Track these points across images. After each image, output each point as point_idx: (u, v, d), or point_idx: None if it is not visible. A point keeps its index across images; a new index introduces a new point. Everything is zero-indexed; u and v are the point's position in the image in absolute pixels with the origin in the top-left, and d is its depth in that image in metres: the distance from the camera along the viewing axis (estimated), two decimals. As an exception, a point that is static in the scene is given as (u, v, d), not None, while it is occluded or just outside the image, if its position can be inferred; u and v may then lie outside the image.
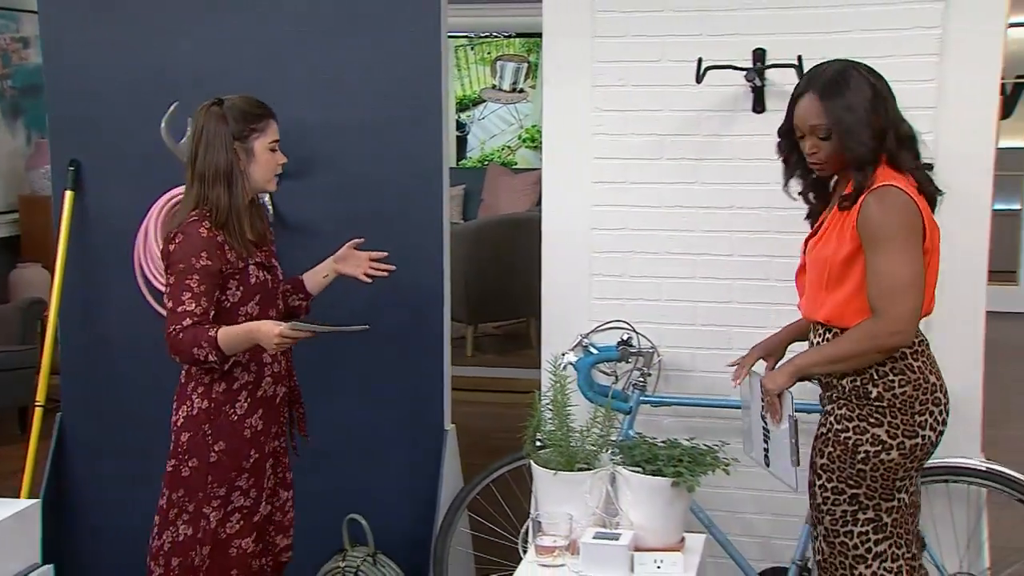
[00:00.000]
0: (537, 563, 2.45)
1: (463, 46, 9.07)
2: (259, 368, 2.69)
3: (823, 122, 2.33)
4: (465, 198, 8.87)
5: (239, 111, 2.64)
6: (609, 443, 2.57)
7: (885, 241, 2.29)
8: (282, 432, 2.82)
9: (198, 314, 2.54)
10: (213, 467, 2.64)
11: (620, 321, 3.20)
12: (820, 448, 2.46)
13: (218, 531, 2.66)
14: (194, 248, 2.56)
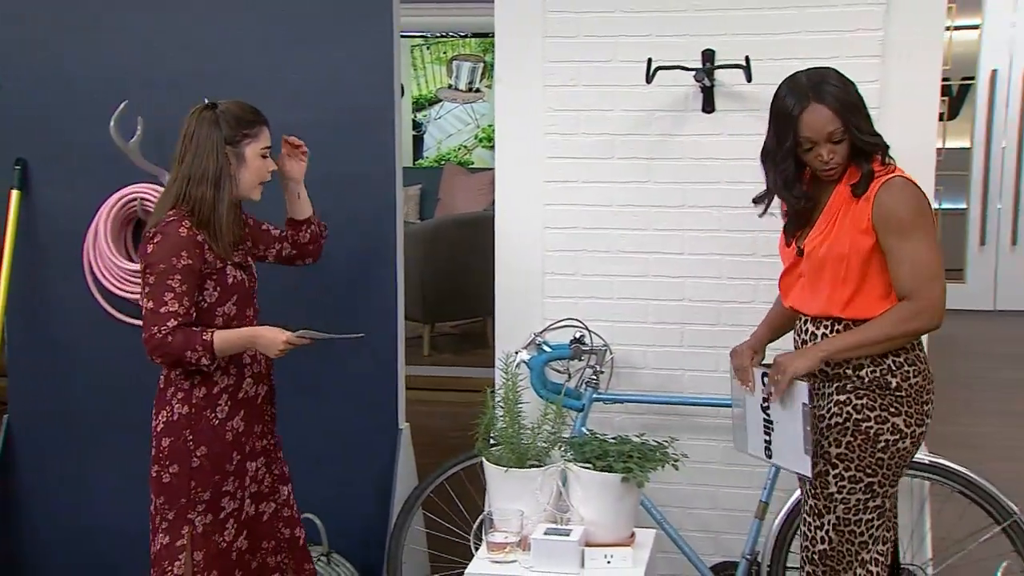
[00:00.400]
0: (489, 559, 2.47)
1: (419, 46, 9.06)
2: (239, 370, 2.68)
3: (838, 126, 2.37)
4: (422, 198, 8.86)
5: (233, 116, 2.64)
6: (560, 440, 2.59)
7: (913, 229, 2.35)
8: (269, 430, 2.82)
9: (182, 314, 2.52)
10: (196, 472, 2.62)
11: (573, 319, 3.22)
12: (837, 438, 2.47)
13: (216, 539, 2.65)
14: (174, 247, 2.53)
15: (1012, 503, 2.87)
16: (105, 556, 3.57)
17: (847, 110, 2.38)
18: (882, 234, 2.38)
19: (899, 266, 2.37)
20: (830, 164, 2.41)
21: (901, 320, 2.37)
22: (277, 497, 2.83)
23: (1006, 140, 7.43)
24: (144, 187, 3.31)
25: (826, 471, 2.49)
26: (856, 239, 2.40)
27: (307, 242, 2.93)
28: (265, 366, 2.77)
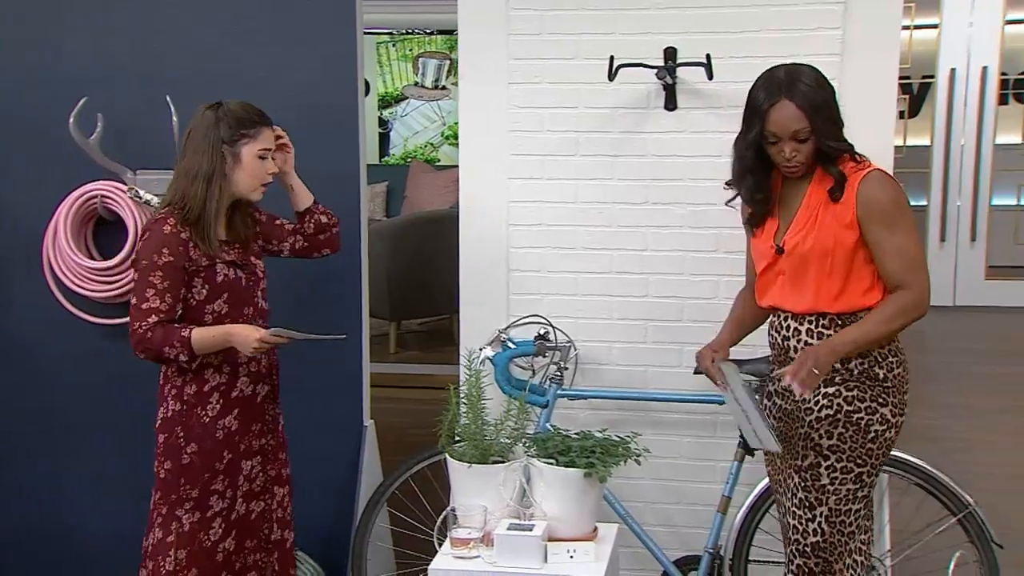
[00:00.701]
0: (452, 555, 2.48)
1: (385, 43, 9.03)
2: (233, 369, 2.69)
3: (804, 124, 2.37)
4: (388, 195, 8.84)
5: (233, 116, 2.64)
6: (524, 436, 2.60)
7: (898, 219, 2.39)
8: (270, 429, 2.82)
9: (164, 311, 2.54)
10: (186, 469, 2.64)
11: (537, 316, 3.23)
12: (828, 430, 2.48)
13: (201, 538, 2.66)
14: (156, 245, 2.56)
15: (968, 495, 2.91)
16: (70, 556, 3.54)
17: (816, 111, 2.38)
18: (867, 226, 2.40)
19: (888, 257, 2.40)
20: (792, 161, 2.43)
21: (900, 312, 2.39)
22: (269, 497, 2.83)
23: (965, 138, 7.52)
24: (105, 184, 3.28)
25: (818, 463, 2.50)
26: (840, 234, 2.42)
27: (313, 232, 2.91)
28: (266, 366, 2.78)
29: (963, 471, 4.49)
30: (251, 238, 2.79)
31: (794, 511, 2.56)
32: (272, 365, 2.82)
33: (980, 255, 7.56)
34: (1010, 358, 6.46)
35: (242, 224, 2.74)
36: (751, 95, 2.47)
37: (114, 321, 3.37)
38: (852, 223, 2.41)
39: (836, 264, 2.44)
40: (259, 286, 2.78)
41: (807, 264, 2.46)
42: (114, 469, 3.49)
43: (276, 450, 2.85)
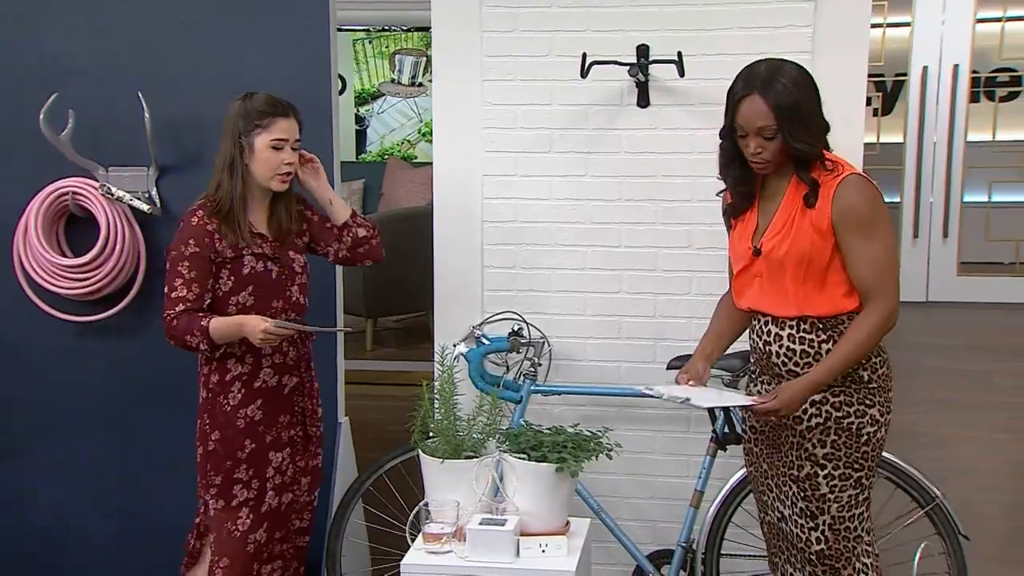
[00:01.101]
0: (425, 550, 2.49)
1: (361, 40, 9.00)
2: (256, 359, 2.74)
3: (770, 123, 2.33)
4: (365, 192, 8.82)
5: (252, 108, 2.70)
6: (496, 431, 2.61)
7: (874, 226, 2.36)
8: (299, 421, 2.87)
9: (191, 300, 2.63)
10: (211, 455, 2.75)
11: (510, 312, 3.24)
12: (820, 439, 2.45)
13: (228, 527, 2.74)
14: (184, 236, 2.66)
15: (936, 488, 2.95)
16: (44, 551, 3.53)
17: (785, 111, 2.33)
18: (841, 233, 2.37)
19: (860, 265, 2.37)
20: (757, 157, 2.40)
21: (876, 328, 2.37)
22: (297, 489, 2.88)
23: (937, 135, 7.59)
24: (76, 181, 3.27)
25: (815, 473, 2.47)
26: (816, 240, 2.39)
27: (352, 246, 2.94)
28: (293, 358, 2.81)
29: (936, 466, 4.54)
30: (295, 233, 2.83)
31: (796, 519, 2.52)
32: (301, 358, 2.85)
33: (952, 251, 7.63)
34: (982, 354, 6.53)
35: (286, 218, 2.79)
36: (732, 84, 2.44)
37: (86, 318, 3.36)
38: (828, 230, 2.38)
39: (813, 269, 2.41)
40: (295, 280, 2.82)
41: (783, 268, 2.44)
42: (86, 465, 3.48)
43: (307, 442, 2.90)
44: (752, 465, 2.68)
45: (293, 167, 2.75)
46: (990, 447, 5.04)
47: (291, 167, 2.74)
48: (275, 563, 2.87)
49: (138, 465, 3.47)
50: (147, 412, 3.44)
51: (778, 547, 2.63)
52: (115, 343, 3.42)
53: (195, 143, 3.29)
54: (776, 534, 2.62)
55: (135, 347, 3.41)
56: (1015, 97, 7.88)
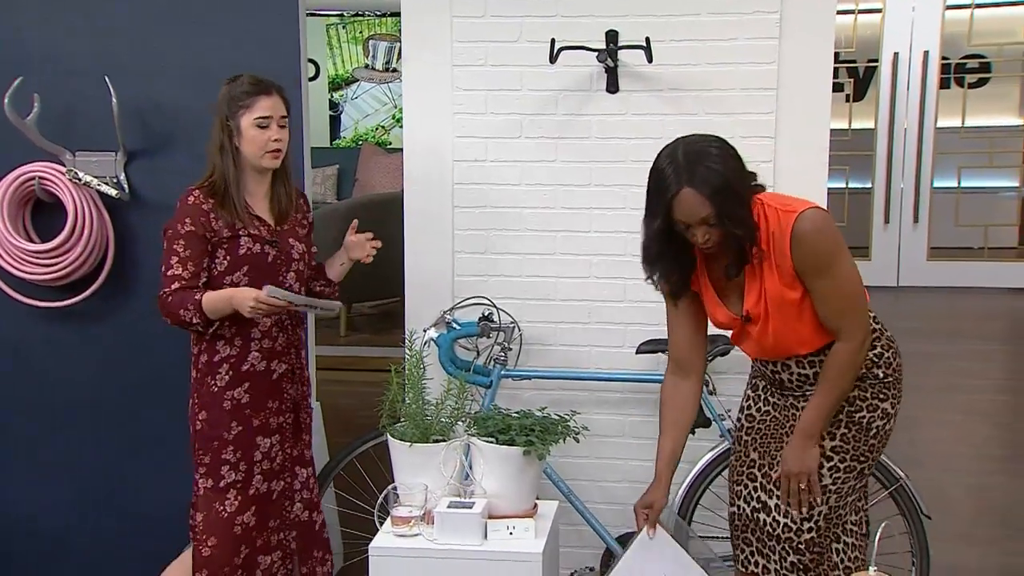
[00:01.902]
0: (393, 533, 2.50)
1: (334, 25, 8.95)
2: (244, 343, 2.76)
3: (710, 211, 2.28)
4: (339, 178, 8.79)
5: (235, 89, 2.73)
6: (464, 415, 2.62)
7: (834, 263, 2.35)
8: (289, 408, 2.87)
9: (186, 278, 2.66)
10: (199, 435, 2.78)
11: (480, 297, 3.25)
12: (830, 431, 2.46)
13: (216, 508, 2.76)
14: (180, 215, 2.70)
15: (900, 470, 2.99)
16: (10, 540, 3.52)
17: (720, 195, 2.28)
18: (807, 277, 2.37)
19: (832, 301, 2.37)
20: (707, 243, 2.35)
21: (850, 364, 2.39)
22: (290, 477, 2.88)
23: (908, 121, 7.65)
24: (42, 166, 3.23)
25: (820, 464, 2.47)
26: (788, 292, 2.39)
27: (316, 291, 3.02)
28: (282, 344, 2.82)
29: (905, 448, 4.60)
30: (296, 220, 2.86)
31: (787, 510, 2.50)
32: (291, 344, 2.86)
33: (923, 236, 7.71)
34: (952, 337, 6.62)
35: (285, 200, 2.82)
36: (654, 178, 2.36)
37: (53, 304, 3.33)
38: (794, 277, 2.37)
39: (801, 310, 2.41)
40: (291, 266, 2.83)
41: (781, 315, 2.43)
42: (51, 453, 3.46)
43: (298, 430, 2.91)
44: (737, 453, 2.67)
45: (282, 143, 2.76)
46: (958, 429, 5.11)
47: (280, 143, 2.75)
48: (274, 554, 2.86)
49: (111, 450, 3.45)
50: (118, 397, 3.42)
51: (745, 539, 2.62)
52: (84, 329, 3.40)
53: (163, 128, 3.27)
54: (746, 525, 2.61)
55: (104, 332, 3.39)
56: (985, 83, 7.96)
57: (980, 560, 3.81)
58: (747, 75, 3.14)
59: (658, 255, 2.44)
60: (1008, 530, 4.10)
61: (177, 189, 3.23)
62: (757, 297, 2.43)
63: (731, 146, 2.37)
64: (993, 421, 5.33)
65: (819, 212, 2.38)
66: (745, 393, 2.71)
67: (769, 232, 2.36)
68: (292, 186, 2.88)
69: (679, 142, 2.36)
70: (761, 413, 2.62)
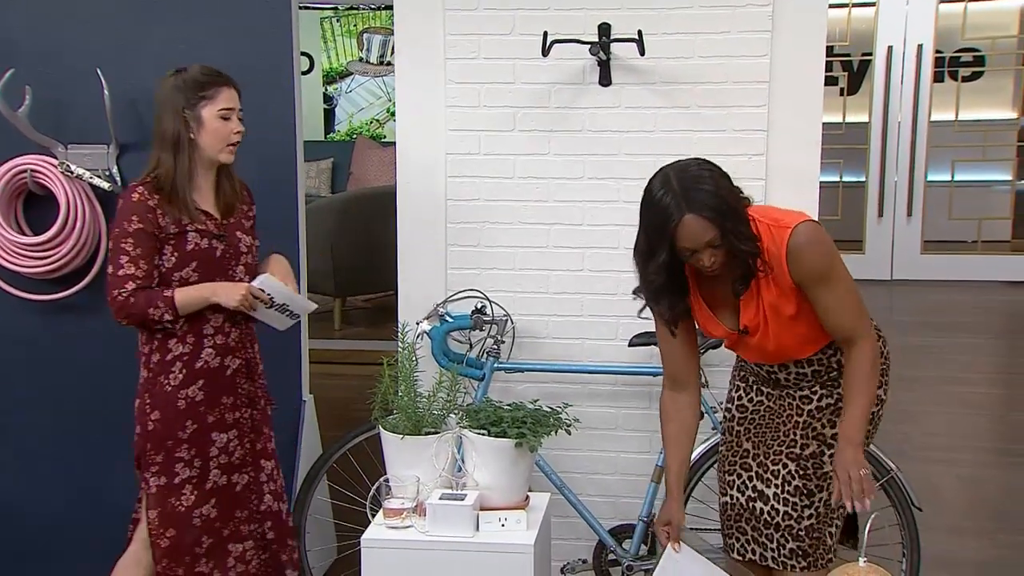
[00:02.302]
0: (385, 525, 2.51)
1: (328, 18, 8.94)
2: (197, 339, 2.70)
3: (716, 233, 2.28)
4: (333, 171, 8.79)
5: (191, 79, 2.65)
6: (456, 407, 2.63)
7: (832, 273, 2.36)
8: (244, 403, 2.82)
9: (140, 277, 2.59)
10: (151, 435, 2.71)
11: (473, 290, 3.26)
12: (830, 419, 2.50)
13: (172, 502, 2.71)
14: (126, 212, 2.62)
15: (891, 462, 3.00)
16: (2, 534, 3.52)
17: (722, 216, 2.28)
18: (807, 289, 2.37)
19: (831, 313, 2.38)
20: (714, 266, 2.35)
21: (875, 364, 2.40)
22: (254, 470, 2.84)
23: (902, 115, 7.66)
24: (34, 159, 3.24)
25: (821, 452, 2.50)
26: (786, 304, 2.40)
27: None
28: (235, 339, 2.78)
29: (898, 440, 4.63)
30: (243, 213, 2.81)
31: (787, 498, 2.52)
32: (245, 339, 2.82)
33: (916, 230, 7.74)
34: (944, 330, 6.65)
35: (231, 192, 2.77)
36: (650, 210, 2.33)
37: (45, 297, 3.34)
38: (791, 288, 2.38)
39: (799, 317, 2.42)
40: (240, 260, 2.78)
41: (772, 330, 2.44)
42: (44, 446, 3.46)
43: (259, 424, 2.87)
44: (728, 444, 2.67)
45: (241, 136, 2.72)
46: (951, 422, 5.13)
47: (240, 136, 2.72)
48: (246, 543, 2.84)
49: (104, 443, 3.45)
50: (109, 390, 3.42)
51: (740, 528, 2.62)
52: (77, 321, 3.40)
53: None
54: (739, 514, 2.61)
55: (97, 325, 3.39)
56: (979, 77, 7.97)
57: (972, 552, 3.83)
58: (740, 68, 3.14)
59: (664, 287, 2.42)
60: (1000, 522, 4.12)
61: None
62: (755, 311, 2.43)
63: (716, 165, 2.37)
64: (986, 413, 5.36)
65: (811, 224, 2.39)
66: (734, 384, 2.72)
67: (764, 249, 2.36)
68: (236, 178, 2.81)
69: (668, 170, 2.34)
70: (754, 404, 2.63)
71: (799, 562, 2.53)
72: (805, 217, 2.41)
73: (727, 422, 2.70)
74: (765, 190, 3.16)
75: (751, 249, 2.33)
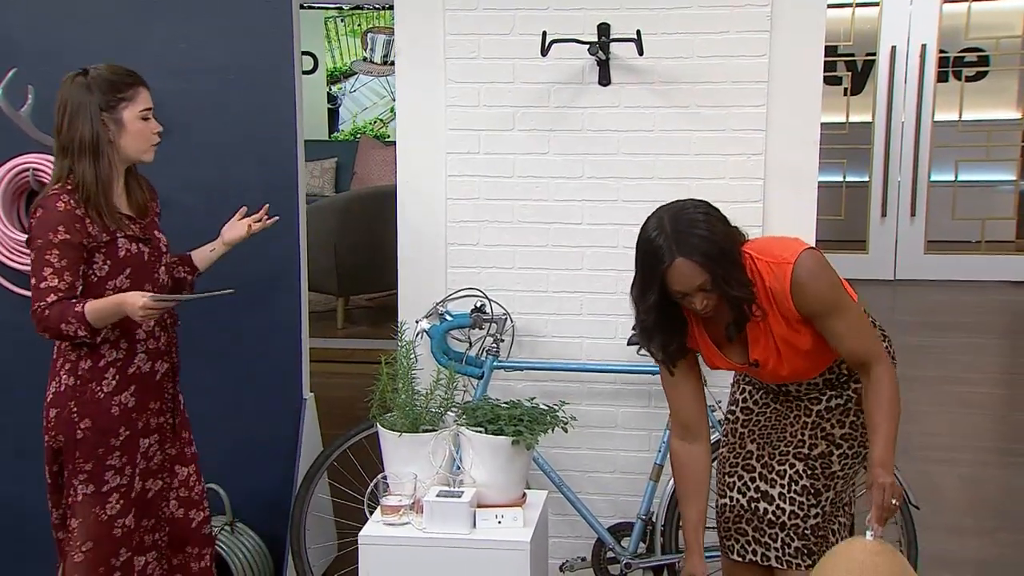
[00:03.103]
0: (383, 522, 2.52)
1: (333, 18, 8.97)
2: (130, 344, 2.64)
3: (706, 278, 2.28)
4: (337, 171, 8.81)
5: (105, 81, 2.55)
6: (454, 405, 2.64)
7: (839, 301, 2.36)
8: (169, 408, 2.77)
9: (63, 289, 2.48)
10: (80, 443, 2.60)
11: (472, 288, 3.27)
12: (839, 419, 2.51)
13: (96, 511, 2.62)
14: (51, 223, 2.49)
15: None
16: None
17: (714, 261, 2.28)
18: (816, 319, 2.37)
19: (845, 341, 2.37)
20: (706, 309, 2.35)
21: (893, 391, 2.39)
22: (169, 476, 2.79)
23: (905, 115, 7.66)
24: (37, 157, 3.27)
25: (830, 452, 2.51)
26: (793, 335, 2.40)
27: (178, 279, 2.87)
28: (164, 343, 2.73)
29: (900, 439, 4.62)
30: (153, 211, 2.75)
31: (793, 497, 2.52)
32: (172, 342, 2.77)
33: (920, 230, 7.73)
34: (946, 330, 6.65)
35: (140, 193, 2.69)
36: (645, 251, 2.34)
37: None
38: (799, 320, 2.38)
39: (808, 344, 2.42)
40: (160, 260, 2.73)
41: (785, 358, 2.44)
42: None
43: (178, 429, 2.81)
44: (731, 445, 2.66)
45: (159, 136, 2.66)
46: (951, 421, 5.14)
47: (159, 136, 2.65)
48: (149, 554, 2.75)
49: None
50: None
51: (739, 529, 2.61)
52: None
53: (162, 119, 3.28)
54: (739, 515, 2.60)
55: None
56: (983, 77, 7.97)
57: (972, 551, 3.84)
58: (738, 68, 3.15)
59: (655, 326, 2.42)
60: (1000, 521, 4.12)
61: (169, 180, 3.26)
62: (766, 345, 2.43)
63: (714, 208, 2.37)
64: (988, 413, 5.36)
65: (811, 254, 2.37)
66: (739, 386, 2.71)
67: (767, 288, 2.36)
68: (142, 176, 2.73)
69: (663, 212, 2.34)
70: (759, 406, 2.63)
71: (804, 560, 2.54)
72: (803, 247, 2.39)
73: (730, 424, 2.69)
74: (764, 189, 3.18)
75: (743, 295, 2.32)
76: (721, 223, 2.35)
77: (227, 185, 3.35)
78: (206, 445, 3.07)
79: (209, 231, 2.95)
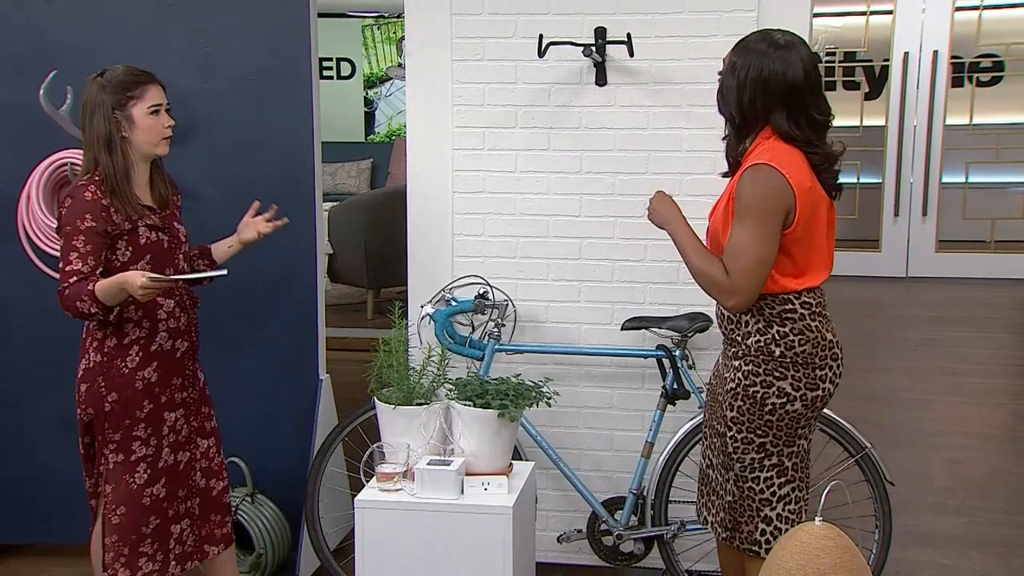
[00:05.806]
0: (378, 488, 2.72)
1: (370, 26, 9.20)
2: (152, 324, 2.83)
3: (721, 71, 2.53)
4: (373, 171, 9.04)
5: (117, 81, 2.76)
6: (445, 380, 2.83)
7: (746, 216, 2.43)
8: (191, 383, 2.97)
9: (84, 272, 2.67)
10: (108, 415, 2.81)
11: (475, 276, 3.46)
12: (731, 402, 2.58)
13: (126, 479, 2.82)
14: (79, 211, 2.71)
15: (865, 440, 3.15)
16: (39, 501, 3.75)
17: (728, 70, 2.56)
18: (733, 213, 2.49)
19: (730, 245, 2.47)
20: None
21: (711, 279, 2.50)
22: (193, 447, 2.98)
23: (917, 119, 7.74)
24: (74, 152, 3.47)
25: (725, 432, 2.61)
26: (722, 219, 2.54)
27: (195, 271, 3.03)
28: (184, 323, 2.93)
29: (909, 427, 4.75)
30: (174, 204, 2.96)
31: (719, 468, 2.67)
32: (192, 323, 2.97)
33: (931, 229, 7.81)
34: (953, 325, 6.74)
35: (163, 186, 2.90)
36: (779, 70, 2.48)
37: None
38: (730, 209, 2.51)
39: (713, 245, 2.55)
40: (180, 249, 2.94)
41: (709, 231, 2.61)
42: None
43: (198, 404, 3.00)
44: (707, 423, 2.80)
45: (172, 130, 2.84)
46: (947, 408, 5.23)
47: (171, 130, 2.84)
48: (183, 522, 2.95)
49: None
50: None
51: (701, 491, 2.79)
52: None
53: (181, 118, 3.44)
54: (701, 480, 2.79)
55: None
56: (998, 82, 8.03)
57: (950, 528, 3.96)
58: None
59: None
60: (981, 501, 4.22)
61: (193, 175, 3.47)
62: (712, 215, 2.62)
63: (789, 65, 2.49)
64: (985, 402, 5.43)
65: (766, 170, 2.43)
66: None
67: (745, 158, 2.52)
68: (165, 171, 2.94)
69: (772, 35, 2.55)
70: (712, 378, 2.76)
71: (721, 532, 2.67)
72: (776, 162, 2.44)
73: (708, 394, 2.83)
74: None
75: (727, 114, 2.53)
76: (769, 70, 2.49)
77: (247, 180, 3.54)
78: (230, 422, 3.26)
79: (229, 224, 3.15)
